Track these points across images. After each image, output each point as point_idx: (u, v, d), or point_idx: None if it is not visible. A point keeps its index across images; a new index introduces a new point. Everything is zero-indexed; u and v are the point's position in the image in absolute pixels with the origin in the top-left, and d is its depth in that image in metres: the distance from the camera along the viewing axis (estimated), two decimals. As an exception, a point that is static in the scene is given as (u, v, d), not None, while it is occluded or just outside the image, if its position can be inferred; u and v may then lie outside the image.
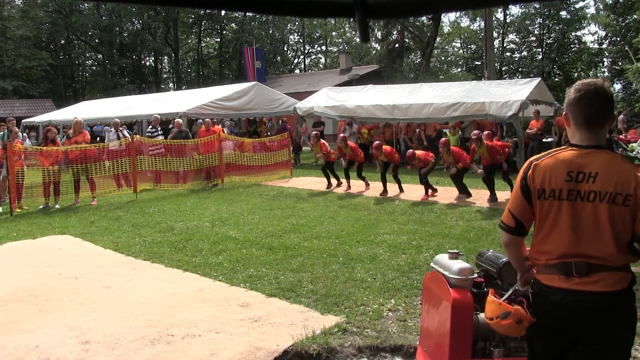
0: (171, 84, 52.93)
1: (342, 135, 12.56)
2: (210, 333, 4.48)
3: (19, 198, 11.03)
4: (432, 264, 3.43)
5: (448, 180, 11.16)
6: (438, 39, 39.18)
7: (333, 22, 50.91)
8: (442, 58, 43.12)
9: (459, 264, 3.17)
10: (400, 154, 12.72)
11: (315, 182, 13.19)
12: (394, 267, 6.05)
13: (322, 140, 12.55)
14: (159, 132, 14.44)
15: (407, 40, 38.26)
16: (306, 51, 54.52)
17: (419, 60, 38.97)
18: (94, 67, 50.78)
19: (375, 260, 6.34)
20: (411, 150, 11.01)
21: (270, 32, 49.13)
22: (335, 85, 24.53)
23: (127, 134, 13.45)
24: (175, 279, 6.06)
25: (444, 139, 10.66)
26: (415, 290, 5.22)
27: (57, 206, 11.15)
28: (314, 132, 13.24)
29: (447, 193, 10.93)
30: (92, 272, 6.41)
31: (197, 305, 5.16)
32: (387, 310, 4.80)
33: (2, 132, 13.04)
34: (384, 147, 11.06)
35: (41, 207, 11.14)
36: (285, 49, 52.91)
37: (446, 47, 45.29)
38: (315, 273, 5.94)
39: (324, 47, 54.54)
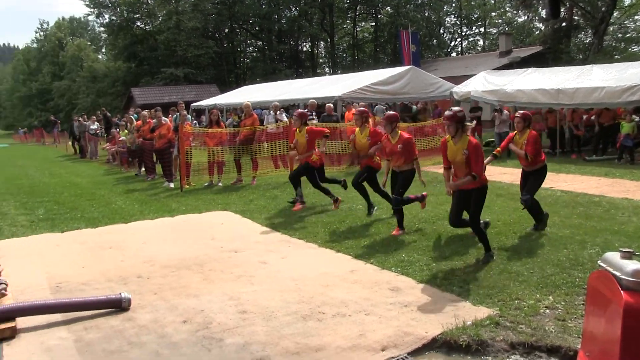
0: (327, 69, 54.24)
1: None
2: (360, 314, 4.54)
3: (188, 175, 12.04)
4: (599, 262, 3.14)
5: (620, 172, 10.19)
6: (615, 14, 35.26)
7: (492, 2, 48.58)
8: (619, 35, 38.65)
9: (633, 265, 2.87)
10: (565, 141, 11.79)
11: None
12: (553, 262, 5.66)
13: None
14: (314, 116, 14.85)
15: (576, 17, 35.08)
16: (463, 33, 52.54)
17: (590, 39, 35.59)
18: (254, 54, 53.56)
19: (532, 253, 5.98)
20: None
21: (426, 14, 48.04)
22: (494, 69, 23.39)
23: (284, 117, 14.01)
24: (327, 259, 6.23)
25: None
26: (577, 289, 4.85)
27: (220, 184, 11.98)
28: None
29: (617, 186, 9.99)
30: (250, 247, 6.81)
31: (348, 286, 5.26)
32: (544, 307, 4.51)
33: (174, 115, 14.28)
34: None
35: (206, 184, 12.06)
36: (441, 31, 51.50)
37: (626, 21, 40.41)
38: (469, 262, 5.77)
39: (482, 29, 51.67)
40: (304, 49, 54.62)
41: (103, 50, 67.84)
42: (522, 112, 7.12)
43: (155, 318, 4.68)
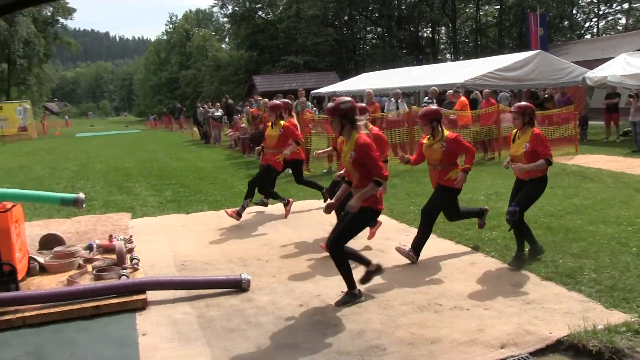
0: (448, 55, 52.88)
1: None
2: (478, 308, 4.39)
3: (307, 162, 12.27)
4: None
5: None
6: None
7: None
8: None
9: None
10: None
11: (605, 161, 11.88)
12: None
13: None
14: (434, 103, 14.53)
15: None
16: (600, 12, 48.42)
17: None
18: (374, 40, 53.41)
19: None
20: None
21: (557, -6, 45.05)
22: (638, 50, 21.38)
23: (405, 105, 13.85)
24: (446, 250, 6.09)
25: None
26: None
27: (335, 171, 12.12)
28: None
29: None
30: (367, 235, 6.80)
31: (467, 278, 5.11)
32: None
33: (295, 102, 14.60)
34: None
35: (325, 171, 12.23)
36: (574, 11, 48.07)
37: None
38: (600, 261, 5.35)
39: (625, 5, 46.28)
40: (425, 34, 53.60)
41: (226, 39, 70.94)
42: (521, 104, 5.75)
43: (273, 300, 4.83)
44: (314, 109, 18.18)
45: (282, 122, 7.73)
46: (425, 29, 53.01)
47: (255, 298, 4.88)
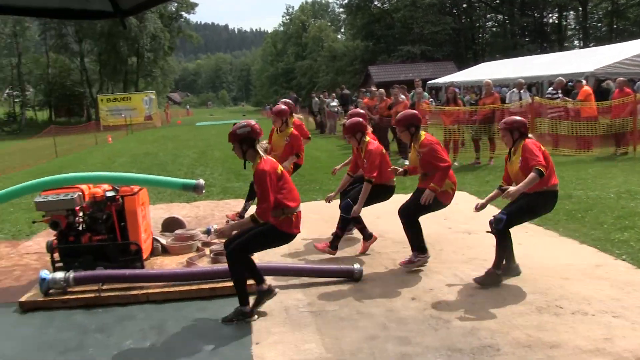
0: (576, 42, 49.52)
1: None
2: (605, 315, 4.07)
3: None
4: None
5: None
6: None
7: None
8: None
9: None
10: None
11: None
12: None
13: None
14: (559, 95, 13.68)
15: None
16: None
17: None
18: (494, 28, 51.30)
19: None
20: None
21: None
22: None
23: (528, 96, 13.17)
24: (569, 250, 5.73)
25: None
26: None
27: (455, 163, 11.78)
28: None
29: None
30: (485, 230, 6.55)
31: (592, 282, 4.76)
32: None
33: (412, 92, 14.40)
34: None
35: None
36: None
37: None
38: None
39: None
40: (550, 21, 50.56)
41: (342, 30, 71.32)
42: (508, 119, 5.03)
43: (385, 292, 4.81)
44: (431, 99, 17.86)
45: (289, 130, 7.12)
46: (551, 15, 50.00)
47: (367, 289, 4.88)
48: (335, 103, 22.35)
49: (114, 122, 36.93)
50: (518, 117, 5.07)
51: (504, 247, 4.80)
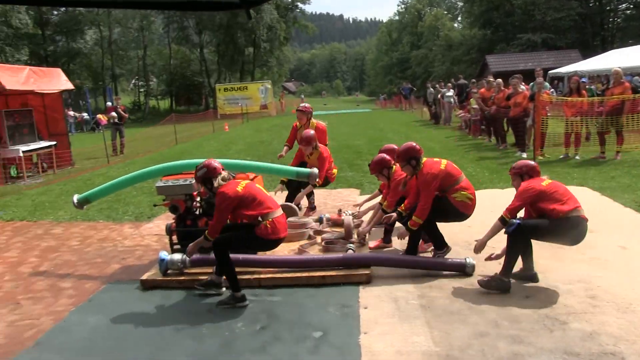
0: None
1: None
2: None
3: (542, 146, 11.50)
4: None
5: None
6: None
7: None
8: None
9: None
10: None
11: None
12: None
13: None
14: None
15: None
16: None
17: None
18: (628, 11, 47.31)
19: None
20: None
21: None
22: None
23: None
24: None
25: None
26: None
27: (577, 157, 11.13)
28: None
29: None
30: (608, 228, 6.16)
31: None
32: None
33: (531, 83, 13.75)
34: None
35: (561, 156, 11.34)
36: None
37: None
38: None
39: None
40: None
41: (459, 18, 69.33)
42: (516, 164, 4.96)
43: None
44: (552, 90, 16.94)
45: (317, 152, 7.26)
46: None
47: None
48: (450, 93, 21.83)
49: (231, 111, 38.38)
50: (523, 162, 5.00)
51: (512, 254, 4.60)
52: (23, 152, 12.85)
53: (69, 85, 15.16)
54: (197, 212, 5.70)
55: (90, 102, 44.32)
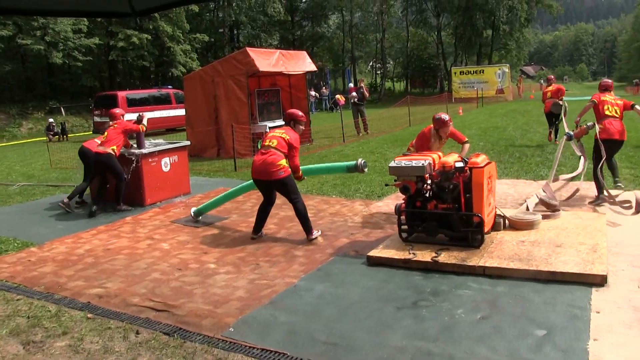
0: None
1: None
2: None
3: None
4: None
5: None
6: None
7: None
8: None
9: None
10: None
11: None
12: None
13: None
14: None
15: None
16: None
17: None
18: None
19: None
20: None
21: None
22: None
23: None
24: None
25: None
26: None
27: None
28: None
29: None
30: None
31: None
32: None
33: None
34: None
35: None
36: None
37: None
38: None
39: None
40: None
41: None
42: None
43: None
44: None
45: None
46: None
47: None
48: None
49: (465, 95, 37.75)
50: None
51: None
52: (269, 128, 14.26)
53: (313, 67, 16.34)
54: (428, 195, 5.66)
55: (330, 83, 47.27)
